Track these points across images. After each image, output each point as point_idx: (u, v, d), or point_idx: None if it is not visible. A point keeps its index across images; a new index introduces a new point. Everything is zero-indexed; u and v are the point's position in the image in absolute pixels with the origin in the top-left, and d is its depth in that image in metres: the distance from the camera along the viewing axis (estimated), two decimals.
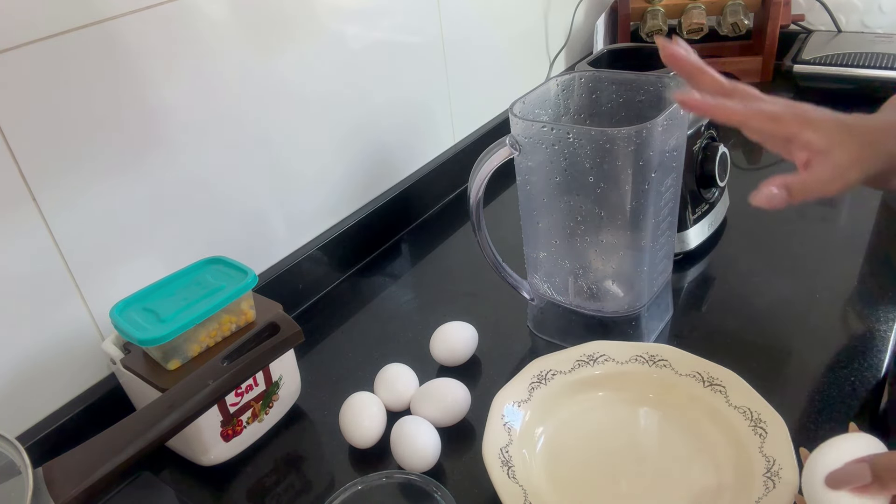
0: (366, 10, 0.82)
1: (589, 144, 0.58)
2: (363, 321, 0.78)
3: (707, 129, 0.79)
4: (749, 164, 1.01)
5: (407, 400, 0.64)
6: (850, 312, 0.69)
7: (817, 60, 1.14)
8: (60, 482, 0.40)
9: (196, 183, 0.68)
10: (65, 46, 0.55)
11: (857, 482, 0.40)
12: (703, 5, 1.23)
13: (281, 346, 0.51)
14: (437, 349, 0.68)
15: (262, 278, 0.74)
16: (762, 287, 0.74)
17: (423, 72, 0.94)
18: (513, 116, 0.61)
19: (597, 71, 0.69)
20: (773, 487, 0.49)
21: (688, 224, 0.79)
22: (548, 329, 0.71)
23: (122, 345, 0.59)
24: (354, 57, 0.82)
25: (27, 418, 0.60)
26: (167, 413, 0.44)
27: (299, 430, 0.65)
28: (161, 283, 0.60)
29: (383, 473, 0.51)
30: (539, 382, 0.60)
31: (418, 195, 0.96)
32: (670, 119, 0.58)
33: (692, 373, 0.59)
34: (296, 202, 0.80)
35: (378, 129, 0.89)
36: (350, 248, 0.87)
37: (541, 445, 0.57)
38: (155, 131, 0.63)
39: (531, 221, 0.66)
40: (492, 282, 0.75)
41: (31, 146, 0.55)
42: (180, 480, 0.61)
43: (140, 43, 0.60)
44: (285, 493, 0.58)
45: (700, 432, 0.57)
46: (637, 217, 0.60)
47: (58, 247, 0.58)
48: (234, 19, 0.68)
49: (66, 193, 0.58)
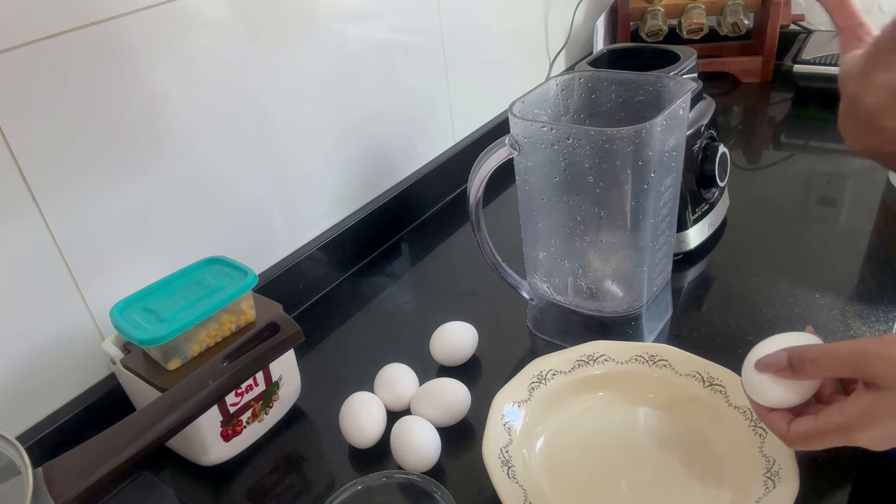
0: (366, 10, 0.82)
1: (588, 144, 0.58)
2: (363, 321, 0.79)
3: (707, 128, 0.79)
4: (749, 164, 1.01)
5: (407, 400, 0.64)
6: (850, 312, 0.69)
7: (817, 60, 1.14)
8: (60, 482, 0.40)
9: (196, 183, 0.68)
10: (65, 46, 0.55)
11: (775, 367, 0.44)
12: (703, 5, 1.23)
13: (281, 346, 0.51)
14: (437, 349, 0.68)
15: (262, 278, 0.74)
16: (762, 287, 0.74)
17: (422, 72, 0.94)
18: (512, 116, 0.61)
19: (596, 71, 0.69)
20: (773, 487, 0.49)
21: (688, 224, 0.79)
22: (547, 329, 0.71)
23: (122, 345, 0.59)
24: (355, 57, 0.82)
25: (27, 418, 0.60)
26: (167, 413, 0.44)
27: (299, 430, 0.65)
28: (161, 283, 0.60)
29: (383, 473, 0.51)
30: (539, 382, 0.60)
31: (418, 195, 0.96)
32: (669, 119, 0.58)
33: (692, 373, 0.59)
34: (296, 202, 0.80)
35: (378, 129, 0.89)
36: (350, 248, 0.87)
37: (541, 445, 0.57)
38: (155, 131, 0.63)
39: (531, 221, 0.66)
40: (492, 282, 0.75)
41: (31, 146, 0.55)
42: (180, 480, 0.61)
43: (140, 43, 0.60)
44: (285, 493, 0.59)
45: (700, 432, 0.57)
46: (636, 217, 0.60)
47: (58, 247, 0.58)
48: (235, 20, 0.68)
49: (66, 193, 0.58)
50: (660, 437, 0.57)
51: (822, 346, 0.43)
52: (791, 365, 0.43)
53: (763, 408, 0.46)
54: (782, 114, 1.18)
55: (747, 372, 0.47)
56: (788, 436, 0.44)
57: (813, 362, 0.42)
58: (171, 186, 0.66)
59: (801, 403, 0.45)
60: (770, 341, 0.47)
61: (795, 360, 0.43)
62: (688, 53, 0.79)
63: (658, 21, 1.24)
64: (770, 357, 0.45)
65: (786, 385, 0.44)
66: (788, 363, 0.44)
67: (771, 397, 0.45)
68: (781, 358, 0.44)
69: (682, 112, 0.61)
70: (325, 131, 0.81)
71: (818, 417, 0.43)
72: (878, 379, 0.39)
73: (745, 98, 1.23)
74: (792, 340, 0.46)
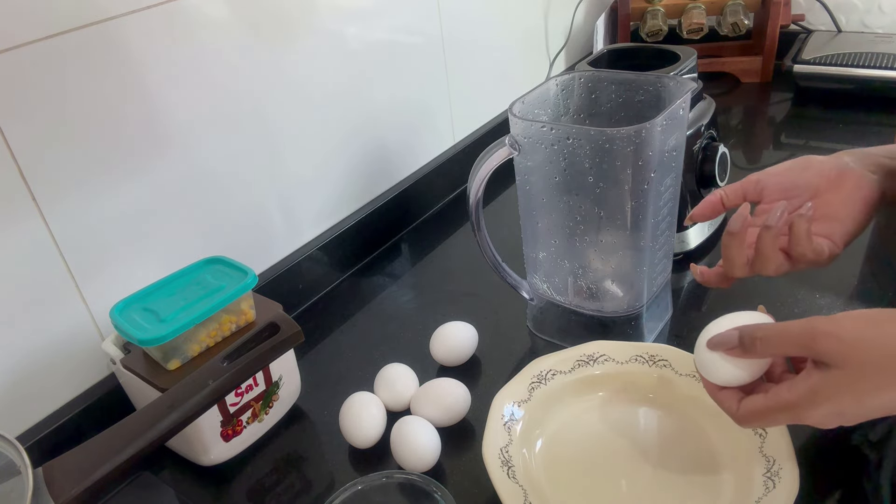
0: (366, 10, 0.82)
1: (588, 144, 0.58)
2: (363, 321, 0.79)
3: (707, 128, 0.79)
4: (749, 164, 1.01)
5: (407, 400, 0.64)
6: None
7: (817, 60, 1.14)
8: (60, 482, 0.40)
9: (196, 183, 0.68)
10: (65, 46, 0.55)
11: (726, 346, 0.45)
12: (703, 5, 1.23)
13: (281, 346, 0.51)
14: (437, 349, 0.68)
15: (262, 278, 0.74)
16: (762, 287, 0.74)
17: (423, 72, 0.94)
18: (512, 116, 0.61)
19: (596, 71, 0.69)
20: (773, 487, 0.49)
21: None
22: (547, 329, 0.71)
23: (122, 345, 0.59)
24: (355, 57, 0.82)
25: (27, 418, 0.60)
26: (167, 413, 0.44)
27: (299, 430, 0.65)
28: (161, 283, 0.60)
29: (383, 473, 0.51)
30: (539, 382, 0.60)
31: (418, 195, 0.96)
32: (669, 119, 0.58)
33: (692, 373, 0.59)
34: (296, 202, 0.80)
35: (378, 128, 0.89)
36: (350, 248, 0.87)
37: (541, 445, 0.57)
38: (155, 131, 0.63)
39: (531, 221, 0.66)
40: (492, 282, 0.75)
41: (31, 146, 0.55)
42: (180, 480, 0.61)
43: (140, 43, 0.60)
44: (285, 493, 0.59)
45: (700, 432, 0.57)
46: (636, 217, 0.60)
47: (58, 247, 0.58)
48: (235, 19, 0.68)
49: (66, 193, 0.58)
50: (660, 437, 0.57)
51: (773, 325, 0.43)
52: (742, 343, 0.44)
53: (714, 386, 0.47)
54: (782, 114, 1.18)
55: (699, 350, 0.47)
56: (738, 414, 0.45)
57: (763, 341, 0.43)
58: (171, 186, 0.66)
59: (752, 382, 0.46)
60: (722, 320, 0.47)
61: (746, 338, 0.44)
62: (688, 53, 0.79)
63: (658, 21, 1.24)
64: (721, 335, 0.45)
65: (736, 363, 0.45)
66: (739, 342, 0.44)
67: (721, 375, 0.46)
68: (732, 336, 0.44)
69: (682, 112, 0.61)
70: (325, 131, 0.81)
71: (767, 395, 0.43)
72: (827, 357, 0.40)
73: (745, 98, 1.23)
74: (743, 319, 0.46)
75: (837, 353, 0.39)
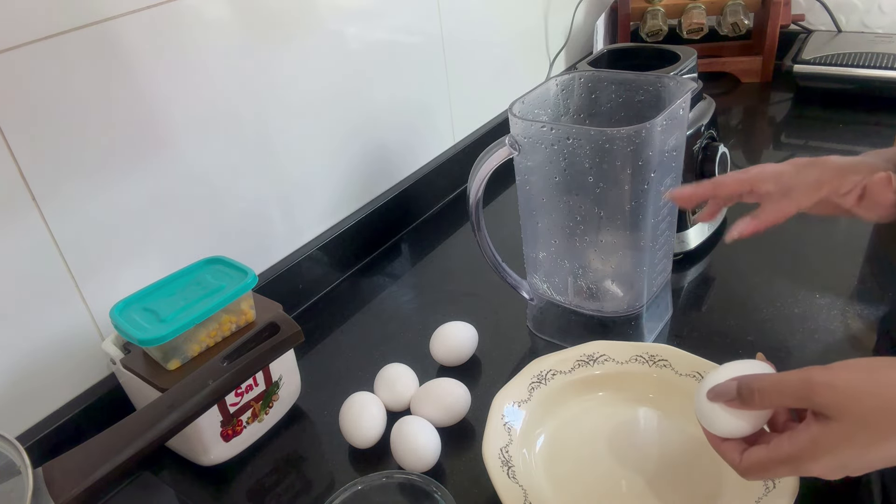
0: (366, 10, 0.82)
1: (588, 144, 0.58)
2: (363, 321, 0.78)
3: (707, 128, 0.79)
4: (749, 164, 1.01)
5: (407, 400, 0.64)
6: (850, 312, 0.69)
7: (817, 60, 1.14)
8: (60, 482, 0.40)
9: (196, 183, 0.68)
10: (65, 46, 0.55)
11: (725, 397, 0.44)
12: (703, 5, 1.23)
13: (281, 346, 0.51)
14: (437, 349, 0.68)
15: (262, 278, 0.74)
16: (762, 287, 0.74)
17: (423, 72, 0.94)
18: (512, 116, 0.61)
19: (596, 71, 0.69)
20: (773, 487, 0.49)
21: (688, 224, 0.79)
22: (547, 329, 0.71)
23: (122, 345, 0.59)
24: (354, 57, 0.82)
25: (27, 418, 0.60)
26: (167, 413, 0.44)
27: (299, 430, 0.65)
28: (161, 283, 0.60)
29: (383, 473, 0.51)
30: (539, 382, 0.60)
31: (418, 195, 0.96)
32: (669, 119, 0.58)
33: (692, 373, 0.59)
34: (296, 202, 0.80)
35: (378, 128, 0.89)
36: (350, 248, 0.87)
37: (541, 445, 0.57)
38: (155, 131, 0.63)
39: (531, 221, 0.66)
40: (492, 282, 0.75)
41: (31, 146, 0.55)
42: (180, 480, 0.61)
43: (140, 43, 0.60)
44: (285, 493, 0.58)
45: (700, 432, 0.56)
46: (636, 217, 0.60)
47: (58, 247, 0.58)
48: (234, 19, 0.68)
49: (66, 193, 0.58)
50: (660, 437, 0.57)
51: (770, 376, 0.43)
52: (740, 395, 0.43)
53: (716, 437, 0.46)
54: (782, 114, 1.18)
55: (700, 400, 0.46)
56: (741, 466, 0.44)
57: (761, 392, 0.42)
58: (171, 186, 0.66)
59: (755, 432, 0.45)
60: (722, 370, 0.46)
61: (744, 390, 0.43)
62: (688, 53, 0.79)
63: (658, 21, 1.24)
64: (720, 387, 0.44)
65: (737, 414, 0.44)
66: (738, 393, 0.43)
67: (723, 427, 0.45)
68: (731, 388, 0.44)
69: (682, 112, 0.61)
70: (325, 131, 0.81)
71: (769, 447, 0.42)
72: (825, 409, 0.39)
73: (745, 98, 1.23)
74: (744, 369, 0.45)
75: (834, 406, 0.39)
